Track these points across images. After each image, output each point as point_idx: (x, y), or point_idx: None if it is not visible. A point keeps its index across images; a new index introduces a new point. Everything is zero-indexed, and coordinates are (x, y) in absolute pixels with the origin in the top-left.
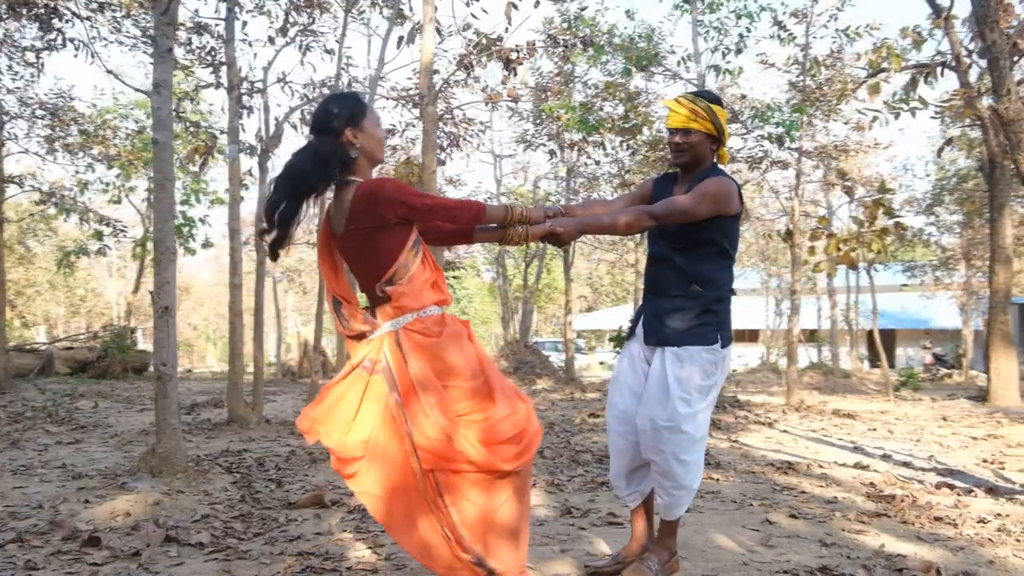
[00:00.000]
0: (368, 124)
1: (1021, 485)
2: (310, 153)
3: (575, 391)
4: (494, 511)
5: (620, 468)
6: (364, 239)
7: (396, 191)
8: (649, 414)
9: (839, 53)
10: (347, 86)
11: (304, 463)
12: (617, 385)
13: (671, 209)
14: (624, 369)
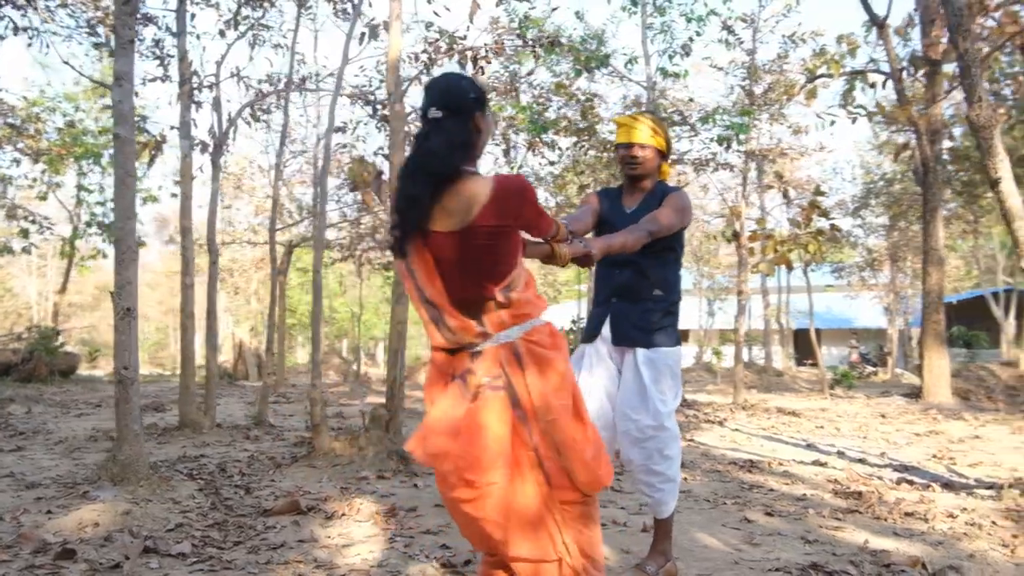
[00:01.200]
0: (488, 113)
1: (975, 480)
2: (448, 136)
3: None
4: (592, 533)
5: None
6: (493, 238)
7: (532, 191)
8: (634, 417)
9: (785, 58)
10: (301, 82)
11: (268, 468)
12: (588, 386)
13: (660, 225)
14: (594, 370)
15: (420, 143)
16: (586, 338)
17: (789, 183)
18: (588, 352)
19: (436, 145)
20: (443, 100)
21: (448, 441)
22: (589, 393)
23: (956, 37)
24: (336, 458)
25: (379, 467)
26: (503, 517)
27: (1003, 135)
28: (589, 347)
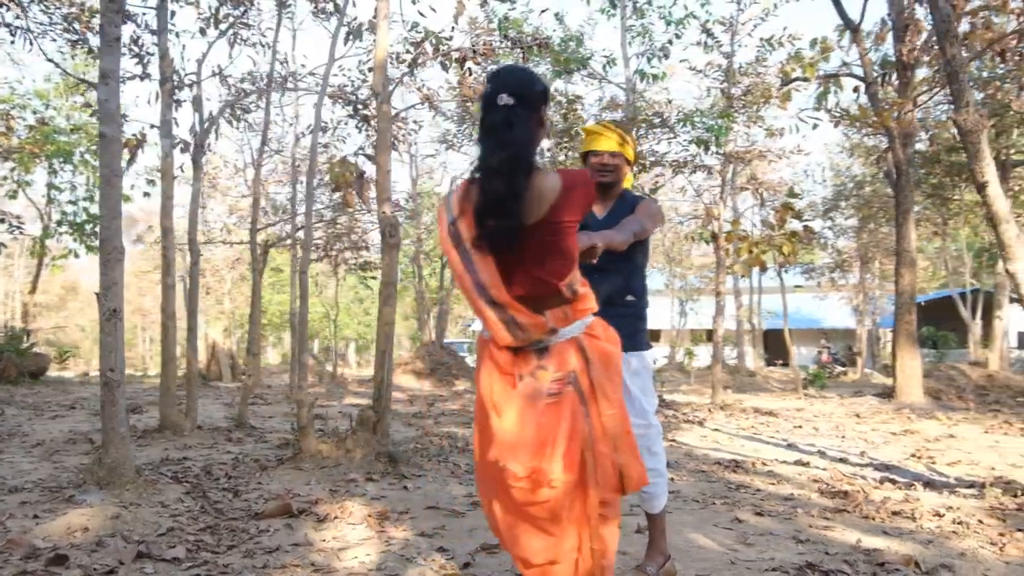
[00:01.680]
0: (547, 109)
1: (955, 479)
2: (527, 127)
3: None
4: (615, 532)
5: None
6: (561, 232)
7: (593, 187)
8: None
9: (764, 61)
10: (283, 80)
11: (253, 471)
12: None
13: (644, 227)
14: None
15: (503, 132)
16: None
17: (762, 185)
18: None
19: (521, 136)
20: (513, 88)
21: (535, 446)
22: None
23: (944, 43)
24: (323, 460)
25: (367, 469)
26: (559, 516)
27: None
28: None
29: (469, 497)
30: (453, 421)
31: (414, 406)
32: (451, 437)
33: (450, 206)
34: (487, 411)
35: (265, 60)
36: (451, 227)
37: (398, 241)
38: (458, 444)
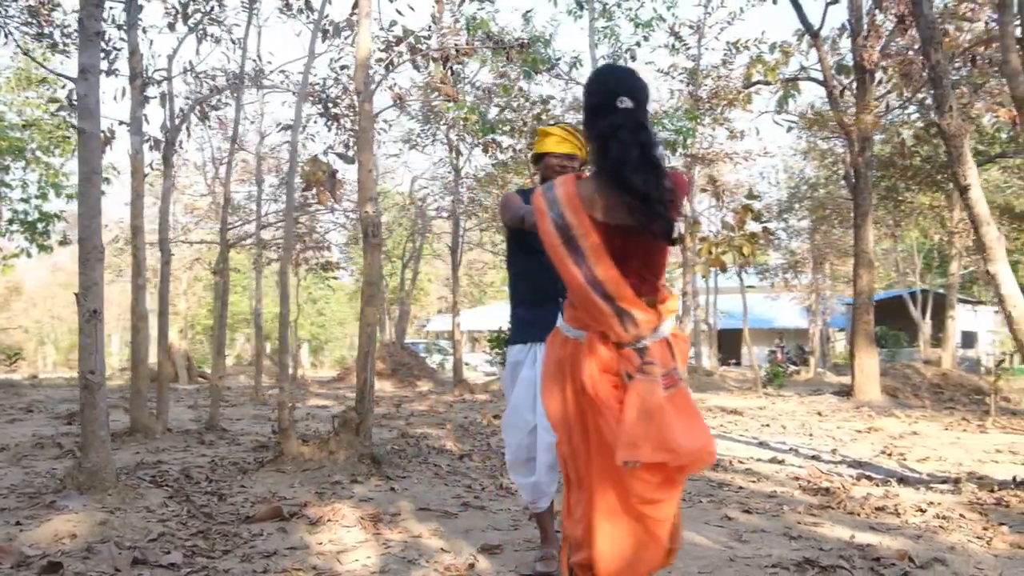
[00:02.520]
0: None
1: (928, 475)
2: (649, 128)
3: (465, 392)
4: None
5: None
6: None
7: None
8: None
9: (730, 64)
10: (255, 77)
11: (234, 474)
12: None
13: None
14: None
15: (641, 133)
16: (539, 338)
17: (721, 187)
18: (540, 352)
19: (651, 136)
20: (629, 91)
21: (679, 438)
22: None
23: (928, 48)
24: (305, 462)
25: (351, 471)
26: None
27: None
28: (539, 347)
29: (458, 499)
30: (425, 422)
31: (381, 407)
32: (427, 438)
33: (553, 200)
34: (597, 410)
35: (234, 57)
36: (559, 221)
37: (381, 240)
38: (435, 445)
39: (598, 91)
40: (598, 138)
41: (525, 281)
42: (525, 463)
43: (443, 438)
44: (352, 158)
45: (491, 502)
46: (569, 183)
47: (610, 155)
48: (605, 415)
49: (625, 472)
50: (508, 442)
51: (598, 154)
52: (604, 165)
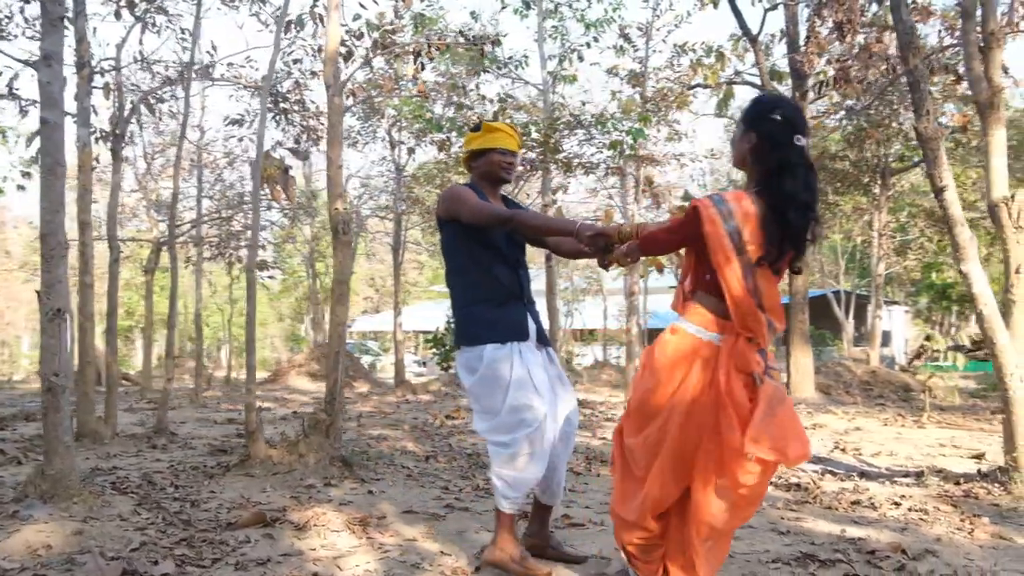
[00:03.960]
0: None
1: (886, 469)
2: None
3: (407, 393)
4: None
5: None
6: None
7: None
8: (572, 412)
9: (677, 66)
10: (206, 69)
11: (200, 479)
12: (539, 391)
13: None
14: (540, 374)
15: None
16: (516, 336)
17: (657, 188)
18: (524, 349)
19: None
20: (805, 130)
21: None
22: (543, 396)
23: (907, 53)
24: (275, 466)
25: (323, 474)
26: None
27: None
28: (523, 345)
29: (439, 500)
30: (378, 423)
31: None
32: (386, 439)
33: (727, 212)
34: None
35: (182, 47)
36: (734, 236)
37: (351, 238)
38: (396, 447)
39: (781, 122)
40: (772, 166)
41: (486, 278)
42: (531, 458)
43: (402, 439)
44: (305, 153)
45: (473, 503)
46: (744, 199)
47: (783, 188)
48: (732, 410)
49: (735, 461)
50: (503, 441)
51: (766, 180)
52: (772, 194)
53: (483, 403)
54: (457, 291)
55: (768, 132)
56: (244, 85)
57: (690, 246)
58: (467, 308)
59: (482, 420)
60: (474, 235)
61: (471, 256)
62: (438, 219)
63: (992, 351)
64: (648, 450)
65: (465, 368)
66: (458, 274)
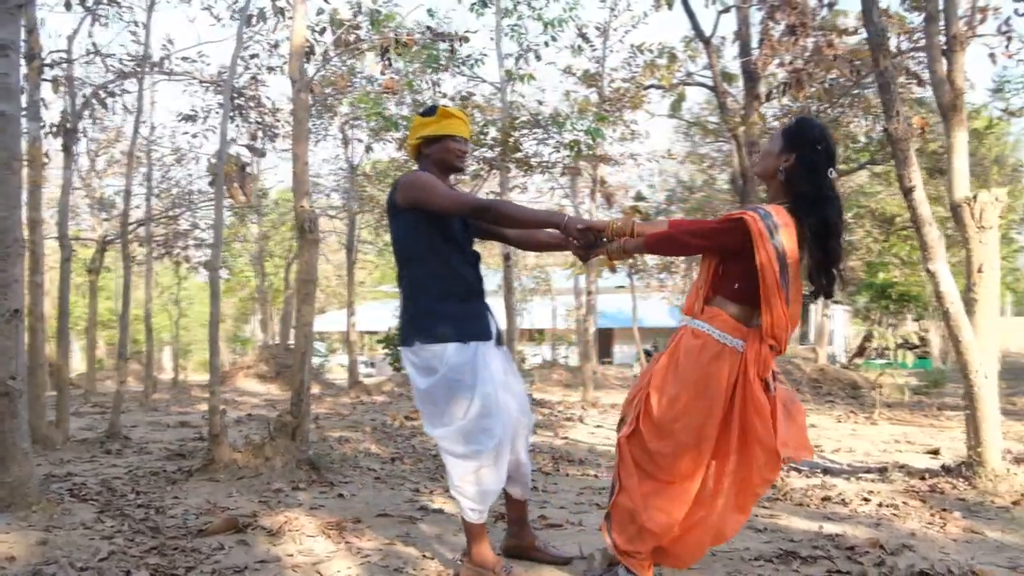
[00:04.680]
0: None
1: (848, 465)
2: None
3: (361, 394)
4: None
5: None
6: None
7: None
8: (526, 401)
9: (635, 67)
10: (160, 62)
11: (161, 484)
12: (501, 390)
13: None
14: (499, 376)
15: (839, 204)
16: (479, 335)
17: (608, 188)
18: (486, 353)
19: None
20: (836, 163)
21: (803, 439)
22: (504, 397)
23: (878, 55)
24: (240, 470)
25: (290, 477)
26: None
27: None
28: (483, 345)
29: (412, 503)
30: (336, 425)
31: (278, 411)
32: (348, 441)
33: (774, 227)
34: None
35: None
36: (779, 248)
37: (318, 236)
38: (359, 449)
39: (823, 153)
40: (808, 192)
41: (448, 272)
42: (493, 469)
43: (364, 441)
44: (262, 151)
45: (446, 505)
46: (784, 215)
47: (826, 217)
48: (761, 413)
49: (771, 463)
50: (462, 452)
51: (802, 205)
52: (813, 221)
53: (440, 407)
54: (415, 284)
55: (809, 159)
56: (202, 80)
57: (714, 253)
58: (428, 303)
59: (436, 425)
60: (436, 225)
61: (431, 248)
62: (393, 207)
63: (957, 348)
64: (680, 454)
65: (421, 368)
66: (416, 265)
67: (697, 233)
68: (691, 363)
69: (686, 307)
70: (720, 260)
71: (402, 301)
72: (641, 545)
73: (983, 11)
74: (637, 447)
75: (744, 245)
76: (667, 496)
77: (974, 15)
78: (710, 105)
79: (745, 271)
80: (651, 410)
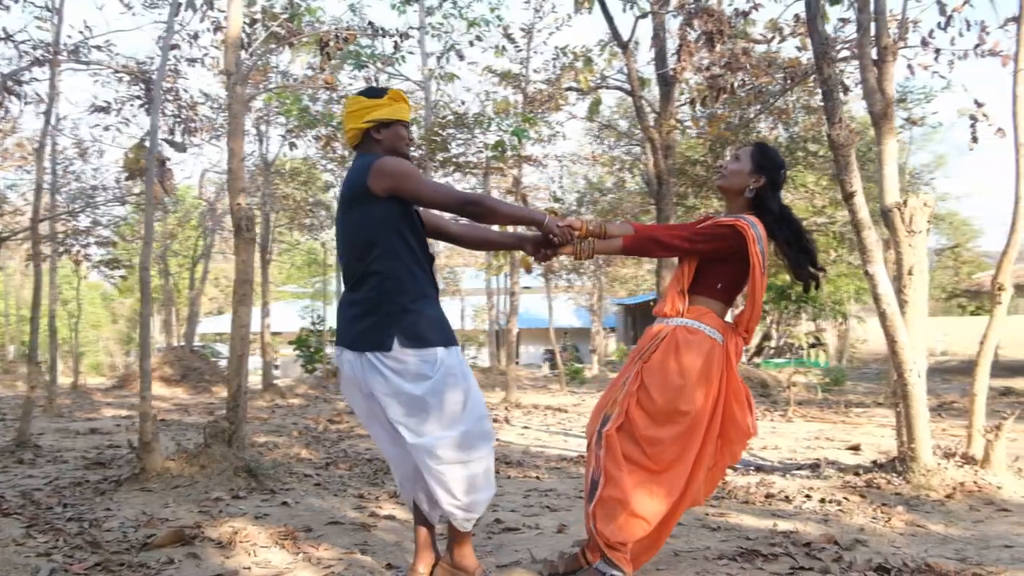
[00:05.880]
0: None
1: (779, 462)
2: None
3: (276, 397)
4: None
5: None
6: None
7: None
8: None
9: (556, 69)
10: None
11: (89, 495)
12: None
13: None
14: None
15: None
16: (454, 339)
17: (525, 189)
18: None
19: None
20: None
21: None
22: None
23: (821, 63)
24: (173, 479)
25: (229, 486)
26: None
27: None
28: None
29: (362, 510)
30: (259, 430)
31: (191, 416)
32: (276, 446)
33: (759, 236)
34: (732, 395)
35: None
36: (763, 255)
37: (254, 235)
38: (288, 454)
39: (783, 177)
40: (774, 209)
41: (421, 271)
42: (489, 472)
43: (293, 446)
44: (183, 145)
45: (395, 511)
46: (761, 227)
47: (797, 226)
48: (738, 398)
49: (741, 442)
50: (462, 459)
51: (775, 220)
52: (785, 231)
53: (436, 413)
54: (388, 281)
55: (775, 181)
56: (124, 71)
57: (699, 256)
58: (406, 302)
59: (426, 433)
60: (408, 218)
61: (405, 242)
62: (362, 193)
63: (892, 348)
64: (677, 440)
65: (411, 375)
66: (388, 260)
67: (687, 237)
68: (694, 355)
69: (668, 308)
70: (699, 263)
71: (366, 299)
72: (629, 535)
73: (906, 24)
74: (626, 439)
75: (733, 250)
76: (657, 484)
77: (903, 27)
78: (620, 108)
79: (726, 273)
80: (651, 401)
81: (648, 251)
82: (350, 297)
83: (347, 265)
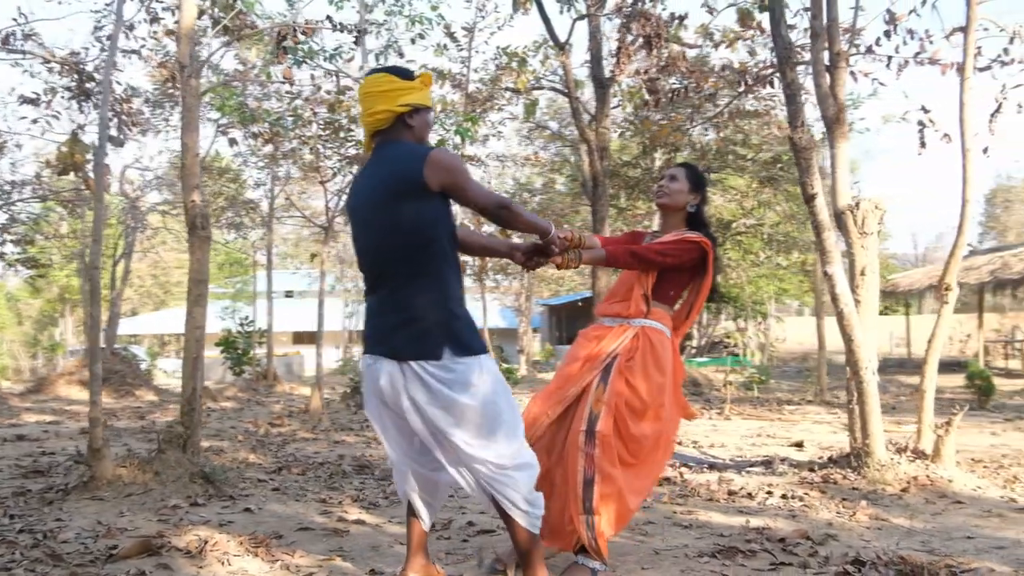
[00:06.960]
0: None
1: (731, 459)
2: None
3: (208, 400)
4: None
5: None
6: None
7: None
8: None
9: (496, 69)
10: (7, 41)
11: (36, 504)
12: None
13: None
14: None
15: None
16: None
17: None
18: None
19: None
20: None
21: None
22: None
23: (784, 68)
24: (126, 487)
25: (186, 492)
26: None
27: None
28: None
29: (328, 515)
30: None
31: (121, 420)
32: (221, 451)
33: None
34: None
35: None
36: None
37: (209, 233)
38: (238, 459)
39: (707, 189)
40: (704, 222)
41: (460, 276)
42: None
43: (239, 451)
44: (121, 140)
45: (363, 515)
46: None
47: (715, 240)
48: (679, 385)
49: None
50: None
51: (705, 231)
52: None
53: (496, 422)
54: (442, 284)
55: (707, 198)
56: (56, 61)
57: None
58: (457, 308)
59: (493, 442)
60: (450, 218)
61: (452, 244)
62: (418, 185)
63: (849, 347)
64: (660, 432)
65: (460, 384)
66: (441, 261)
67: (664, 252)
68: (665, 353)
69: (632, 310)
70: (662, 273)
71: (412, 305)
72: (619, 528)
73: (855, 32)
74: (616, 437)
75: (695, 263)
76: (642, 475)
77: (854, 34)
78: (551, 109)
79: (679, 281)
80: (639, 399)
81: (627, 263)
82: (391, 301)
83: (382, 265)
